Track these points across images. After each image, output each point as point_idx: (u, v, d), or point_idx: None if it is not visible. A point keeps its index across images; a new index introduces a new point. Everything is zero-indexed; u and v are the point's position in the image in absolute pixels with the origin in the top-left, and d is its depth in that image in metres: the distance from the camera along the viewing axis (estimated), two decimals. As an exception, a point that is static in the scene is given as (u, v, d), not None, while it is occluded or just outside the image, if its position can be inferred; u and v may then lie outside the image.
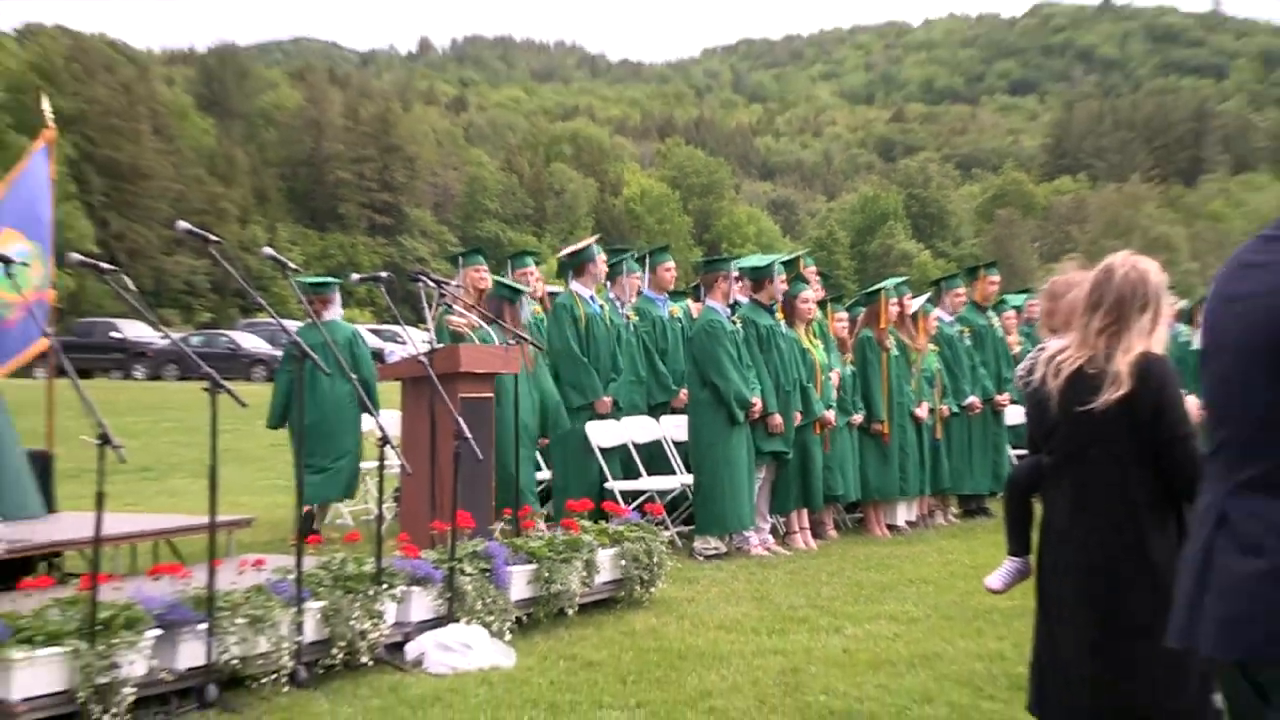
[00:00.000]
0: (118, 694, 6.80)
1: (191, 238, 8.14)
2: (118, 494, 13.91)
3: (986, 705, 7.68)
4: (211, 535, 7.73)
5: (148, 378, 48.19)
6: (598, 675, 8.27)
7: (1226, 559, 3.43)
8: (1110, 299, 4.91)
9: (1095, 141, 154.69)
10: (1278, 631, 3.28)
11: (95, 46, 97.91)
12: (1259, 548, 3.34)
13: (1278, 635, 3.28)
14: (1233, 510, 3.44)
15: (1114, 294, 4.91)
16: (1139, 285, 4.92)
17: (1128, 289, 4.91)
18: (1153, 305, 4.90)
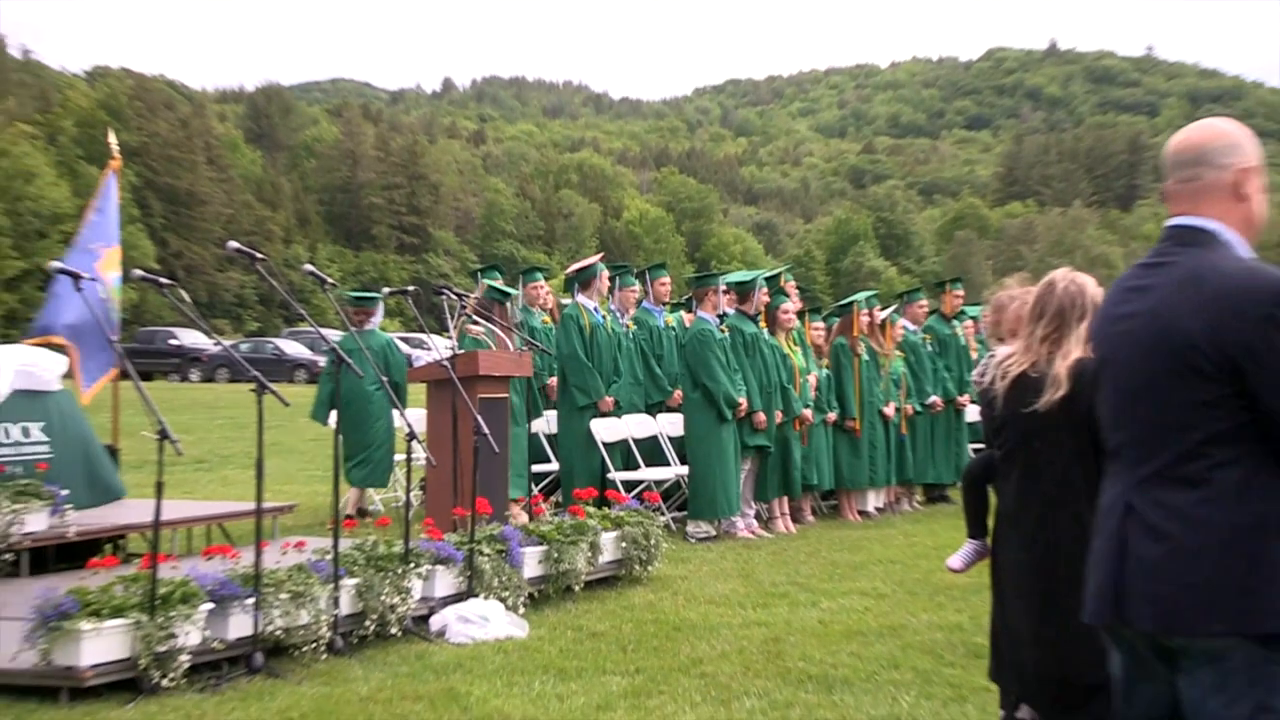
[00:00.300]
0: (175, 661, 6.82)
1: (241, 256, 8.13)
2: (175, 483, 13.89)
3: (946, 671, 7.66)
4: (258, 520, 7.73)
5: (202, 380, 48.20)
6: (601, 644, 8.26)
7: (1138, 544, 3.54)
8: (1051, 310, 4.90)
9: (1042, 171, 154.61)
10: (1187, 605, 3.41)
11: (156, 86, 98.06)
12: (1165, 533, 3.48)
13: (1187, 609, 3.41)
14: (1138, 502, 3.57)
15: (1055, 305, 4.89)
16: (1077, 298, 4.90)
17: (1067, 301, 4.89)
18: (1089, 315, 4.86)
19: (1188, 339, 3.50)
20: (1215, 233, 3.66)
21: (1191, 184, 3.74)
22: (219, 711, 6.61)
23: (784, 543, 12.90)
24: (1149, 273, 3.70)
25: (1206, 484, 3.47)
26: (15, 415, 9.98)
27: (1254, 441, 3.45)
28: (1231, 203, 3.70)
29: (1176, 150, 3.80)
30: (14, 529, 9.09)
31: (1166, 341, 3.55)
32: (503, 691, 7.08)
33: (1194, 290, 3.53)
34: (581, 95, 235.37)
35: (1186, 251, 3.66)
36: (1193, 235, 3.68)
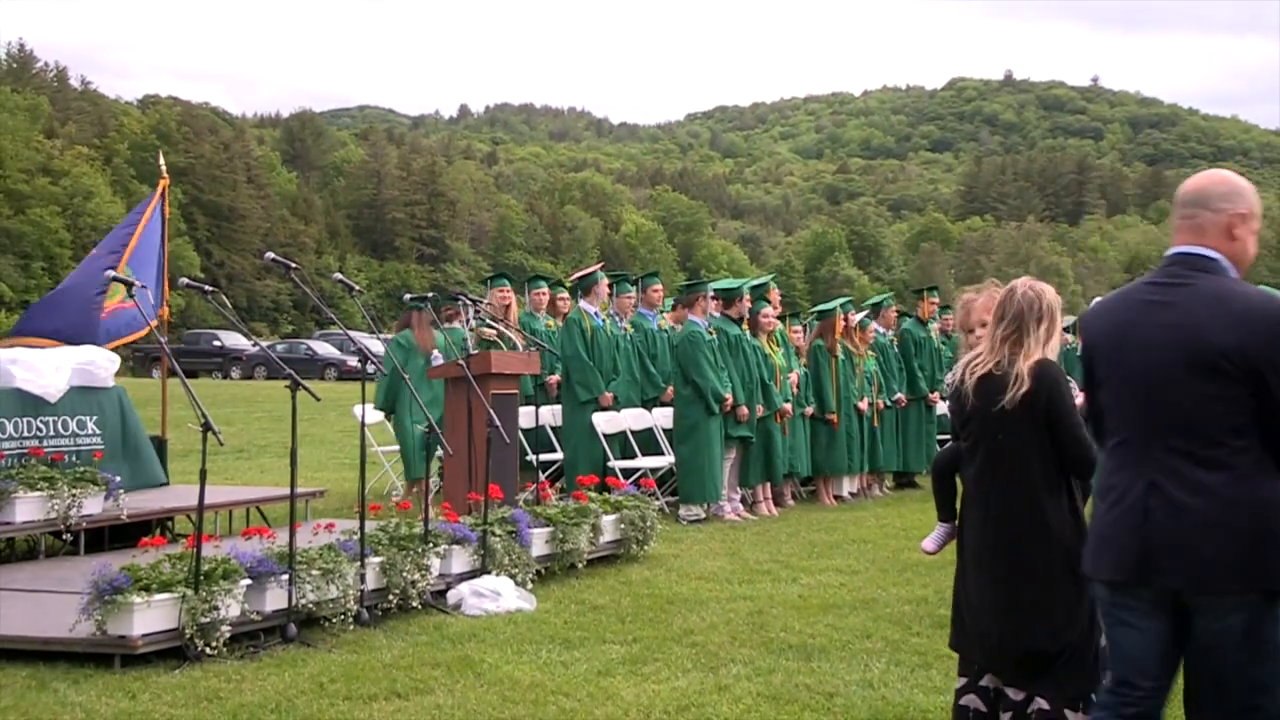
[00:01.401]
0: (217, 631, 6.82)
1: (277, 265, 8.14)
2: (217, 470, 13.88)
3: (914, 640, 7.66)
4: (292, 504, 7.74)
5: (242, 378, 48.24)
6: (602, 616, 8.26)
7: (1165, 517, 3.90)
8: (1011, 313, 4.86)
9: (999, 189, 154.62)
10: (1215, 568, 3.84)
11: (201, 113, 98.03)
12: (1192, 507, 3.87)
13: (1215, 571, 3.84)
14: (1163, 480, 3.92)
15: (1015, 309, 4.86)
16: (1035, 302, 4.86)
17: (1026, 305, 4.85)
18: (1047, 319, 4.85)
19: (1216, 348, 3.85)
20: (1218, 261, 4.01)
21: (1192, 220, 4.07)
22: (256, 676, 6.61)
23: (767, 524, 12.89)
24: (1167, 290, 4.03)
25: (1229, 467, 3.85)
26: (73, 409, 10.01)
27: (1259, 434, 3.85)
28: (1224, 240, 4.04)
29: (1185, 191, 4.13)
30: (72, 512, 9.10)
31: (1195, 348, 3.89)
32: (513, 659, 7.08)
33: (1221, 308, 3.90)
34: (584, 120, 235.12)
35: (1199, 275, 4.00)
36: (1201, 262, 4.02)
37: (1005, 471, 4.83)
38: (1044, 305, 4.87)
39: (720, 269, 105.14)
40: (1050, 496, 4.77)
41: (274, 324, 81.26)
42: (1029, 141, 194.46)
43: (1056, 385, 4.78)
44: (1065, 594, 4.75)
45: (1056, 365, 4.82)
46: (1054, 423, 4.77)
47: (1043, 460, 4.77)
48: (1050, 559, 4.76)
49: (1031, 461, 4.78)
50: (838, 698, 6.41)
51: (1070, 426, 4.77)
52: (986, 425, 4.84)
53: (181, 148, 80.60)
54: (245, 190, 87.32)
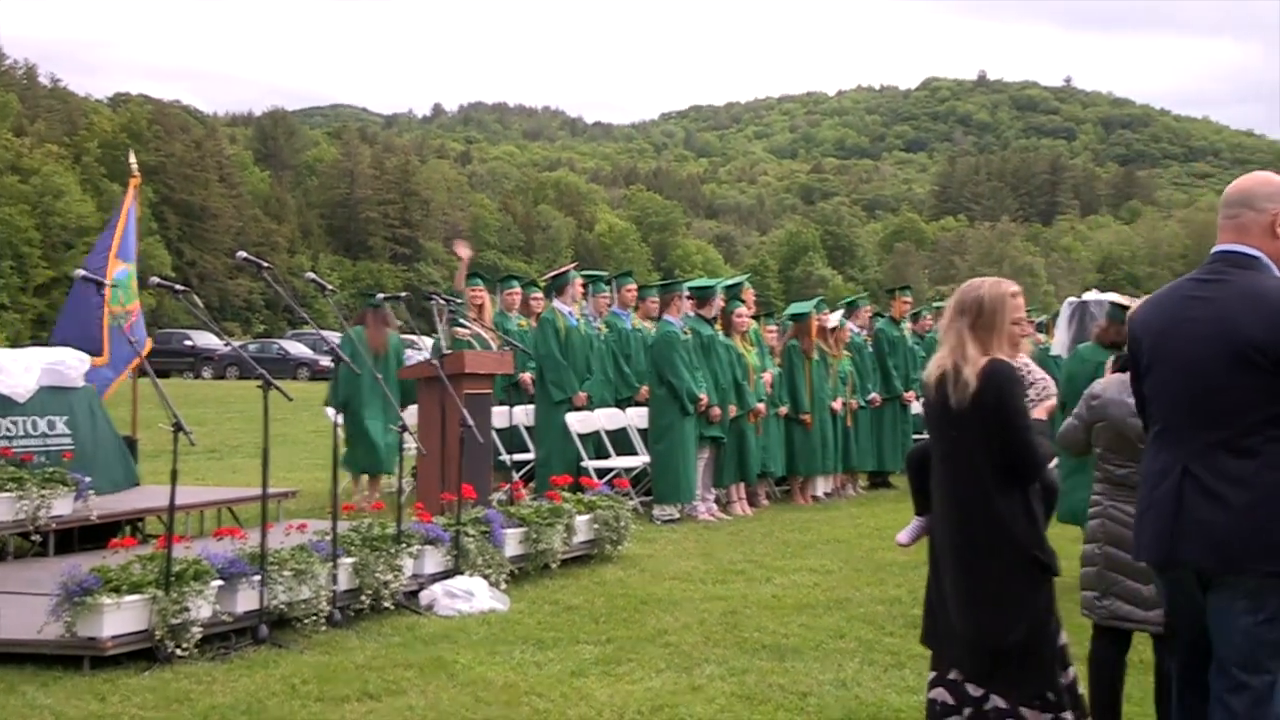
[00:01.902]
0: (187, 632, 6.80)
1: (249, 265, 8.12)
2: (189, 471, 13.81)
3: (887, 640, 7.68)
4: (264, 504, 7.70)
5: (213, 378, 48.01)
6: (576, 617, 8.25)
7: (1196, 501, 4.11)
8: (971, 312, 4.80)
9: (973, 189, 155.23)
10: (1241, 549, 4.02)
11: (172, 111, 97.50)
12: (1221, 493, 4.06)
13: (1241, 552, 4.02)
14: (1196, 467, 4.12)
15: (971, 308, 4.79)
16: (991, 301, 4.79)
17: (986, 304, 4.78)
18: (986, 316, 4.76)
19: (1248, 340, 4.04)
20: (1259, 259, 4.19)
21: (1236, 219, 4.24)
22: (227, 678, 6.58)
23: (741, 524, 12.90)
24: (1207, 287, 4.23)
25: (1260, 455, 4.04)
26: (43, 410, 9.96)
27: None
28: (1267, 239, 4.21)
29: (1230, 192, 4.30)
30: (42, 513, 9.05)
31: (1230, 342, 4.07)
32: (486, 660, 7.07)
33: (1255, 303, 4.08)
34: (558, 120, 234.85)
35: (1239, 272, 4.18)
36: (1242, 260, 4.20)
37: (960, 469, 4.80)
38: (984, 304, 4.78)
39: (695, 269, 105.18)
40: (1002, 495, 4.69)
41: (246, 324, 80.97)
42: (1002, 142, 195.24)
43: (1004, 386, 4.67)
44: (1019, 591, 4.70)
45: (1007, 365, 4.72)
46: (1001, 424, 4.68)
47: (992, 459, 4.69)
48: (1004, 557, 4.70)
49: (982, 460, 4.71)
50: (811, 698, 6.42)
51: (1015, 429, 4.67)
52: (942, 423, 4.83)
53: (152, 146, 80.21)
54: (217, 189, 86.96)
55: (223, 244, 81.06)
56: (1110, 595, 5.65)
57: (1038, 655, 4.70)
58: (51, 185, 69.91)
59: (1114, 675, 5.75)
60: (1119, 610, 5.62)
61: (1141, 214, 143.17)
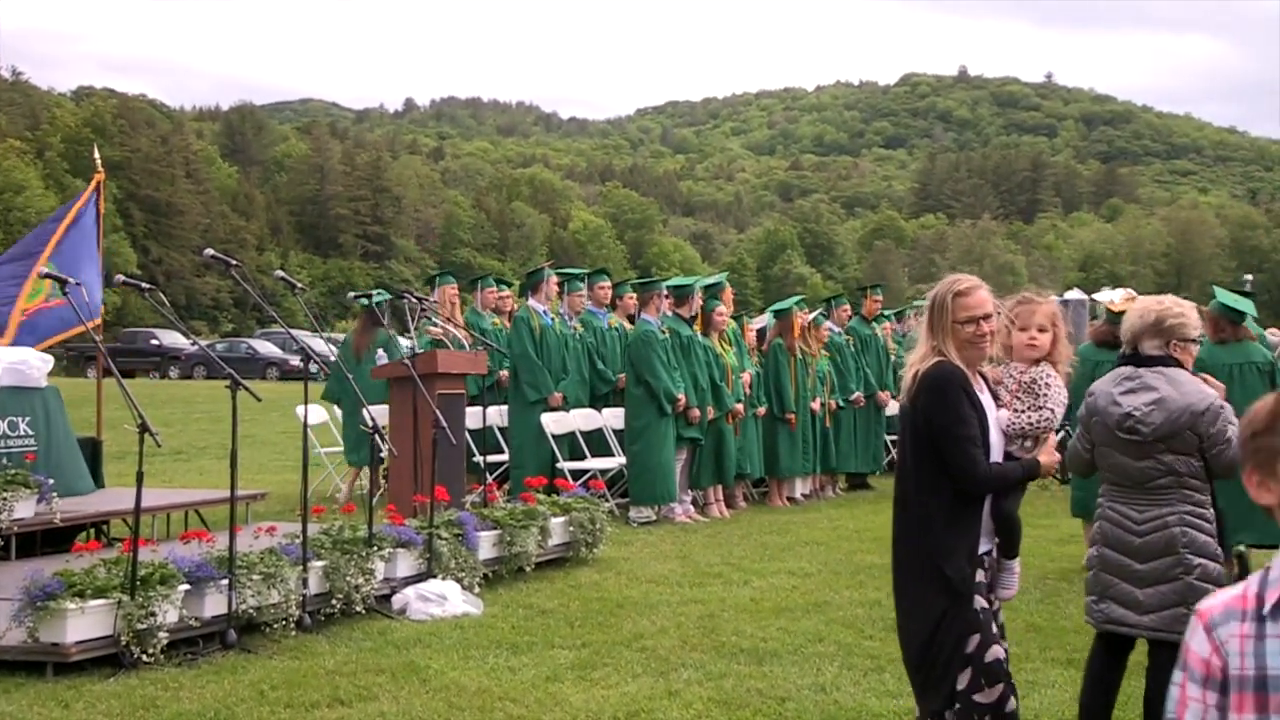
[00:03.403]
0: (154, 637, 6.77)
1: (216, 262, 8.08)
2: (155, 473, 13.76)
3: (866, 643, 7.70)
4: (232, 506, 7.67)
5: (180, 377, 47.79)
6: (550, 621, 8.25)
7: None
8: (926, 310, 4.67)
9: (953, 186, 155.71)
10: None
11: (137, 105, 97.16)
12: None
13: None
14: None
15: (927, 306, 4.65)
16: (938, 299, 4.61)
17: (935, 302, 4.62)
18: (944, 317, 4.58)
19: None
20: None
21: None
22: (195, 684, 6.56)
23: (718, 526, 12.91)
24: None
25: None
26: (4, 410, 9.87)
27: None
28: None
29: None
30: (3, 515, 8.98)
31: None
32: (459, 665, 7.06)
33: None
34: (533, 115, 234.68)
35: None
36: None
37: (901, 478, 4.72)
38: (933, 303, 4.62)
39: (671, 267, 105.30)
40: (921, 499, 4.55)
41: (214, 322, 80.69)
42: (983, 138, 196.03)
43: (934, 389, 4.49)
44: (922, 600, 4.57)
45: (944, 368, 4.52)
46: (930, 430, 4.51)
47: (918, 461, 4.56)
48: (912, 564, 4.61)
49: (912, 463, 4.60)
50: (789, 702, 6.43)
51: (944, 437, 4.49)
52: (900, 429, 4.78)
53: (117, 141, 79.94)
54: (184, 185, 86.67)
55: (190, 241, 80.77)
56: (1106, 599, 5.48)
57: (935, 668, 4.56)
58: (13, 180, 69.58)
59: (1108, 682, 5.63)
60: (1113, 614, 5.45)
61: (1123, 212, 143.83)
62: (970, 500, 4.53)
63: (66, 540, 8.99)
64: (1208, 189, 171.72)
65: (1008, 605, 8.71)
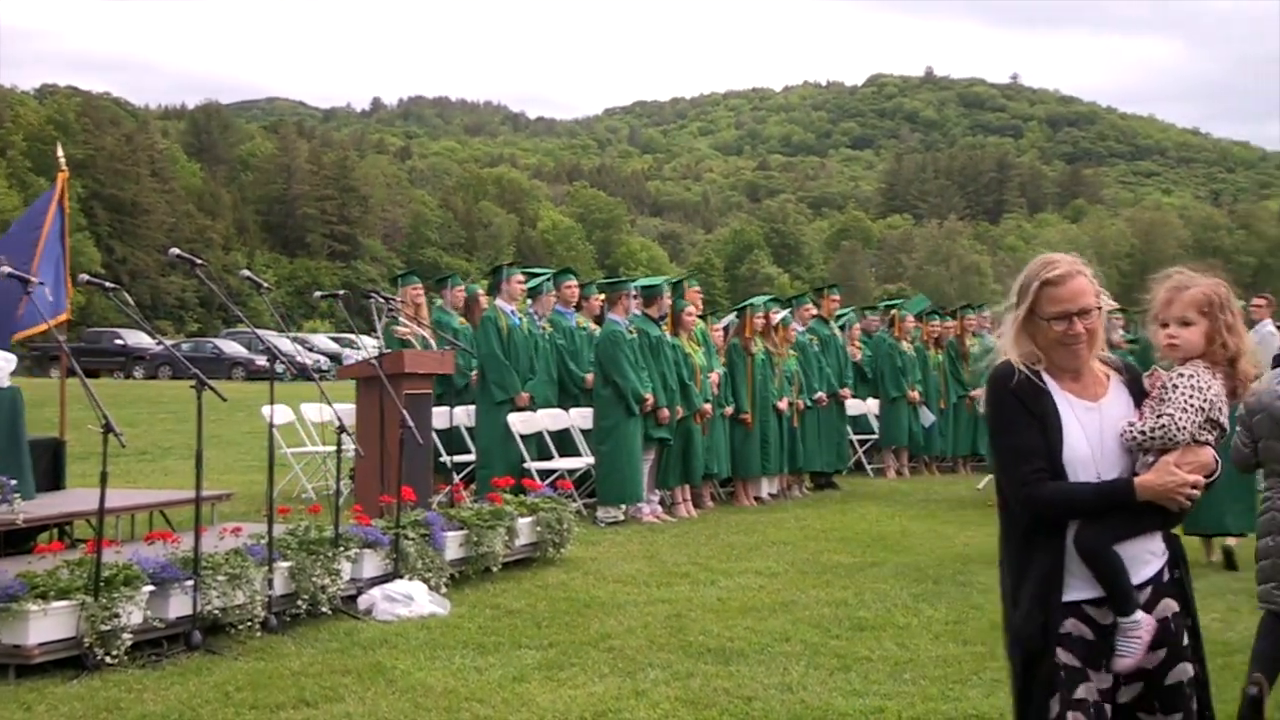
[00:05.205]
0: (117, 639, 6.73)
1: (182, 261, 8.04)
2: (119, 473, 13.66)
3: (833, 643, 7.72)
4: (197, 507, 7.64)
5: (145, 377, 47.52)
6: (517, 621, 8.24)
7: None
8: (1015, 296, 3.86)
9: (920, 187, 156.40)
10: None
11: (102, 103, 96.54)
12: None
13: None
14: None
15: (1015, 291, 3.86)
16: (1022, 283, 3.82)
17: (1021, 289, 3.82)
18: (1021, 304, 3.79)
19: None
20: None
21: None
22: (159, 686, 6.52)
23: (686, 526, 12.92)
24: None
25: None
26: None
27: None
28: None
29: None
30: (-36, 517, 8.89)
31: None
32: (425, 665, 7.05)
33: None
34: (500, 115, 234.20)
35: None
36: None
37: None
38: (1018, 287, 3.85)
39: (639, 266, 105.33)
40: (1002, 519, 3.88)
41: (179, 322, 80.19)
42: (949, 139, 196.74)
43: (986, 394, 3.87)
44: (1006, 650, 3.82)
45: (997, 371, 3.81)
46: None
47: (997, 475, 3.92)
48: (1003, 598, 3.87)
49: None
50: (756, 701, 6.44)
51: (992, 450, 3.94)
52: None
53: (81, 139, 79.34)
54: (149, 184, 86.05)
55: (155, 240, 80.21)
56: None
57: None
58: (-25, 179, 68.99)
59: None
60: (1276, 598, 5.95)
61: (1088, 213, 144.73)
62: (1040, 527, 3.70)
63: (29, 541, 8.91)
64: (1171, 190, 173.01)
65: (969, 604, 8.83)
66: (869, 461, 18.71)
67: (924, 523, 13.27)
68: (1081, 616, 3.68)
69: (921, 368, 18.76)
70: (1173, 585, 3.76)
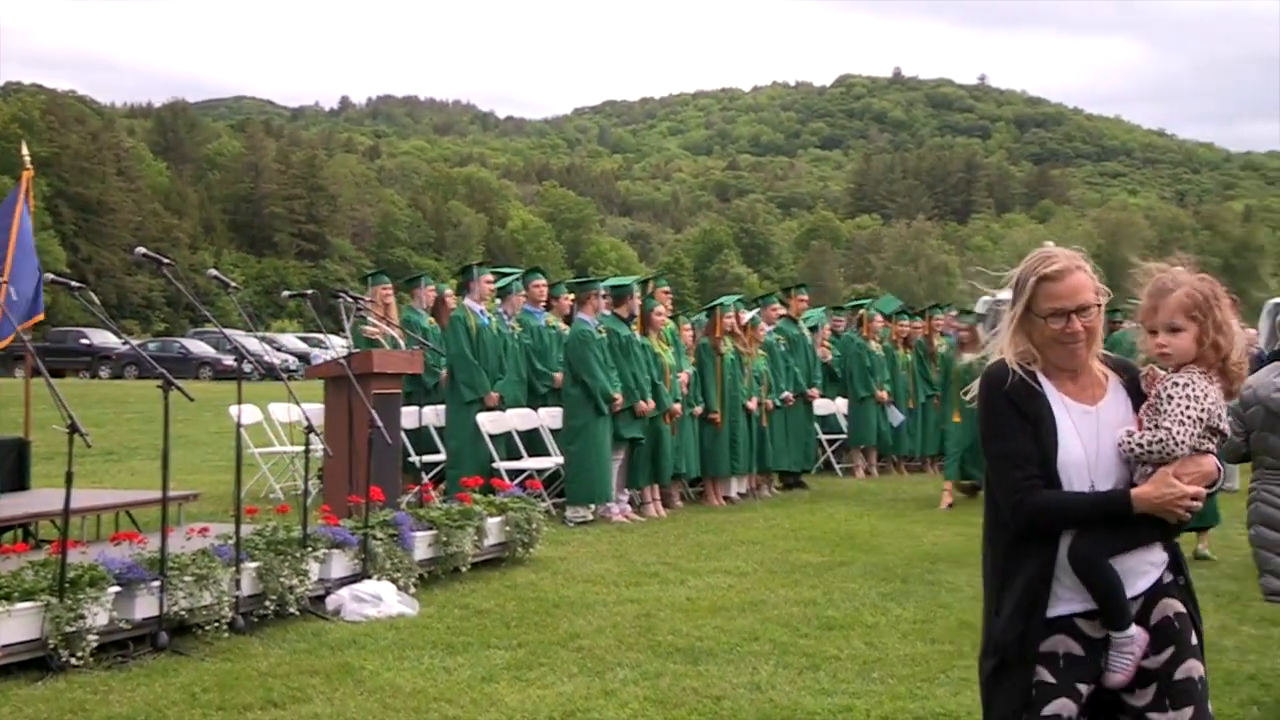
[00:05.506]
0: (83, 641, 6.69)
1: (148, 261, 7.98)
2: (85, 473, 13.58)
3: (802, 642, 7.73)
4: (164, 507, 7.60)
5: (111, 377, 47.24)
6: (486, 621, 8.23)
7: None
8: (1011, 292, 3.71)
9: (888, 187, 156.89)
10: None
11: (67, 102, 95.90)
12: None
13: None
14: None
15: (1012, 287, 3.70)
16: (1024, 282, 3.65)
17: (1018, 285, 3.66)
18: (1017, 300, 3.65)
19: None
20: None
21: None
22: (125, 687, 6.48)
23: (655, 526, 12.93)
24: None
25: None
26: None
27: None
28: None
29: None
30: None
31: None
32: (394, 665, 7.03)
33: None
34: (469, 114, 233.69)
35: None
36: None
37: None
38: (1015, 282, 3.69)
39: (609, 266, 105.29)
40: (988, 523, 3.74)
41: (146, 322, 79.74)
42: (917, 139, 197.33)
43: (978, 395, 3.70)
44: (980, 651, 3.71)
45: (990, 371, 3.67)
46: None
47: (987, 476, 3.77)
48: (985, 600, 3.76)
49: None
50: (725, 701, 6.44)
51: (984, 455, 3.74)
52: None
53: (46, 137, 78.82)
54: (115, 182, 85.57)
55: (121, 239, 79.76)
56: (1265, 572, 6.18)
57: None
58: (-60, 177, 68.42)
59: None
60: (1270, 585, 6.25)
61: (1055, 213, 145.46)
62: (1030, 535, 3.57)
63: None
64: (1137, 191, 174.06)
65: (938, 603, 8.86)
66: (838, 461, 18.76)
67: (892, 522, 13.31)
68: (1070, 631, 3.56)
69: (890, 367, 18.82)
70: (1174, 587, 3.64)
